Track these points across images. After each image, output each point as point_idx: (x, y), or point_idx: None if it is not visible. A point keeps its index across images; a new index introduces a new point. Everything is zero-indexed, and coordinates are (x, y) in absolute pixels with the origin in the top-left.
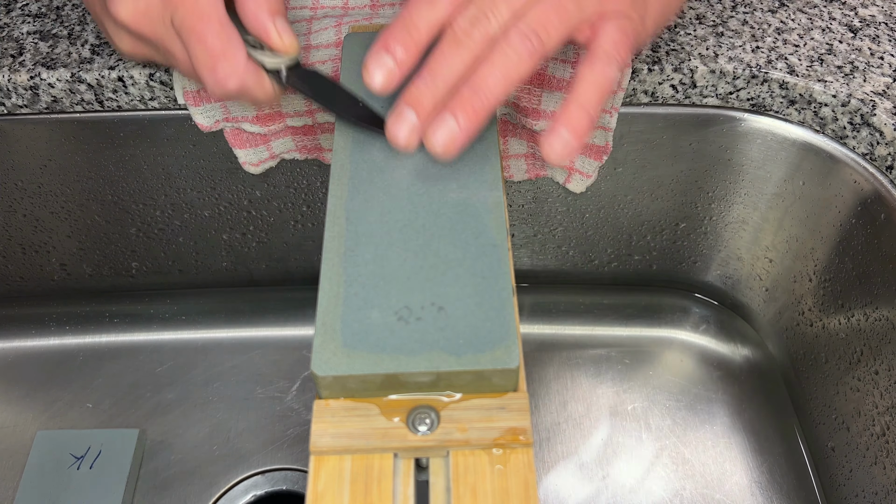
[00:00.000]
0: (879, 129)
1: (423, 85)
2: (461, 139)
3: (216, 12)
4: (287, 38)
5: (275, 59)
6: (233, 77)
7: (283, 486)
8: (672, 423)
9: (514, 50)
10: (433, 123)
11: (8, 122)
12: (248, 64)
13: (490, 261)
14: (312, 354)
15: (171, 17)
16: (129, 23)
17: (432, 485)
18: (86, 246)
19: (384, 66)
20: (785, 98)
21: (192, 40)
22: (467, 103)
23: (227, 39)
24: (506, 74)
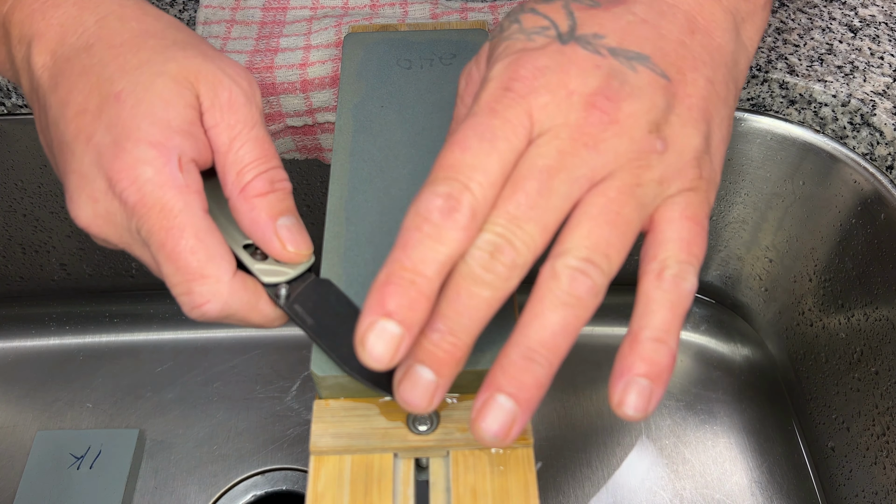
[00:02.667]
0: (879, 129)
1: (439, 336)
2: (522, 420)
3: (191, 221)
4: (293, 245)
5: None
6: (213, 301)
7: (283, 486)
8: (672, 422)
9: (567, 293)
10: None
11: (8, 122)
12: (233, 283)
13: None
14: (312, 354)
15: (137, 228)
16: (88, 228)
17: (432, 485)
18: (86, 246)
19: (386, 335)
20: (785, 98)
21: (160, 257)
22: (523, 375)
23: (205, 255)
24: (566, 327)
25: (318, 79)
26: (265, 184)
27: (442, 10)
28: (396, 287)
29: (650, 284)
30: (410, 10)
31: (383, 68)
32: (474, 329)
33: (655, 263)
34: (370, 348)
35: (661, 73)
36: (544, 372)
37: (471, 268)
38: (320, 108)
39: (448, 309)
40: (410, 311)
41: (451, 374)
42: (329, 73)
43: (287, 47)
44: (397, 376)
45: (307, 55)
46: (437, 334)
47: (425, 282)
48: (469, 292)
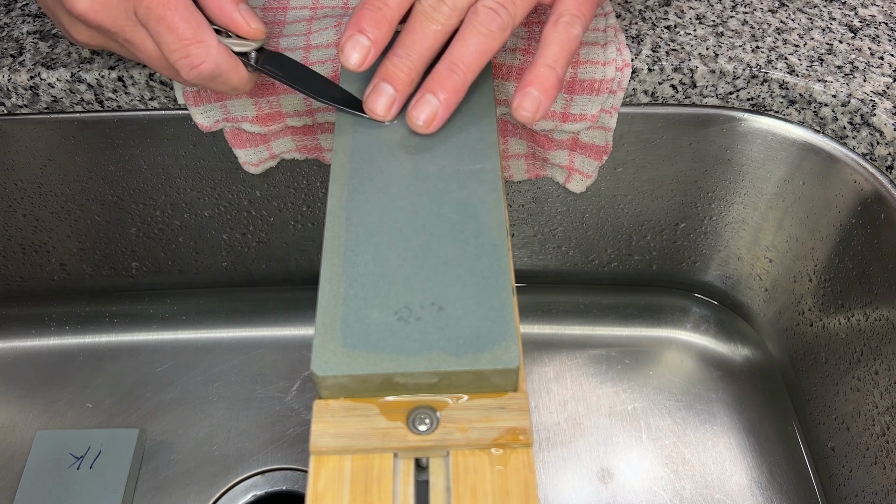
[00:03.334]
0: (879, 129)
1: (398, 59)
2: (442, 115)
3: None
4: (254, 23)
5: (243, 44)
6: (208, 60)
7: (283, 486)
8: (672, 423)
9: (484, 26)
10: (415, 102)
11: (8, 122)
12: (220, 47)
13: (490, 261)
14: (312, 354)
15: (135, 8)
16: (86, 14)
17: (432, 485)
18: (86, 246)
19: (359, 45)
20: (785, 98)
21: (160, 29)
22: (446, 81)
23: (197, 24)
24: (479, 51)
25: None
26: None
27: None
28: (368, 12)
29: (549, 29)
30: None
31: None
32: (425, 56)
33: (554, 15)
34: (347, 53)
35: None
36: (460, 80)
37: (424, 7)
38: (320, 108)
39: (406, 39)
40: (377, 28)
41: (405, 90)
42: (329, 73)
43: (287, 47)
44: (367, 92)
45: (307, 55)
46: (397, 58)
47: (388, 10)
48: (422, 26)
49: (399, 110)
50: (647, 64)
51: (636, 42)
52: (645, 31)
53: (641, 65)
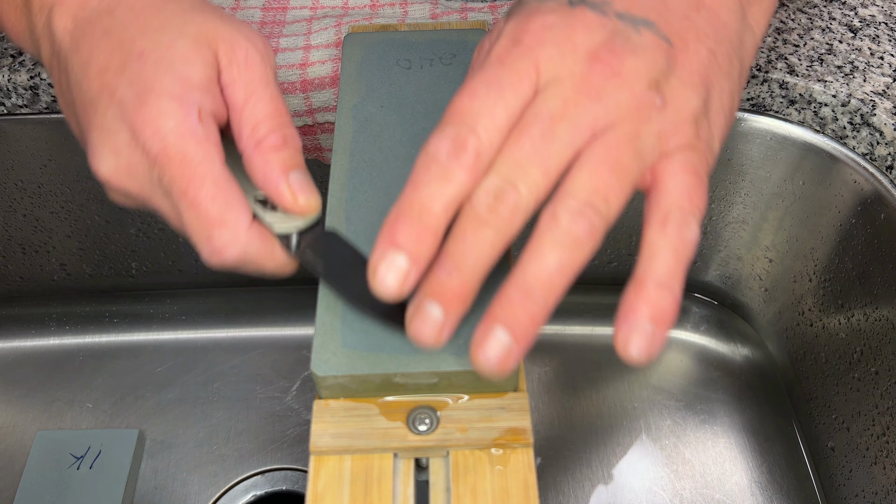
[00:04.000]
0: (879, 129)
1: (446, 274)
2: (518, 352)
3: (211, 170)
4: (303, 197)
5: (288, 222)
6: (232, 247)
7: (283, 486)
8: (672, 423)
9: (567, 234)
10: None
11: (8, 122)
12: (251, 230)
13: None
14: (312, 354)
15: (159, 178)
16: (110, 181)
17: (432, 485)
18: (86, 246)
19: (395, 267)
20: (785, 98)
21: (182, 205)
22: (520, 310)
23: (224, 203)
24: (563, 267)
25: (317, 79)
26: (279, 139)
27: (442, 10)
28: (405, 222)
29: (654, 232)
30: (410, 10)
31: (383, 68)
32: (479, 268)
33: (659, 213)
34: (381, 278)
35: (664, 37)
36: (539, 309)
37: (476, 209)
38: (320, 108)
39: (455, 248)
40: (418, 244)
41: (458, 311)
42: (329, 73)
43: (287, 47)
44: (409, 313)
45: (307, 55)
46: (445, 272)
47: (432, 218)
48: (474, 233)
49: (451, 336)
50: None
51: None
52: None
53: None
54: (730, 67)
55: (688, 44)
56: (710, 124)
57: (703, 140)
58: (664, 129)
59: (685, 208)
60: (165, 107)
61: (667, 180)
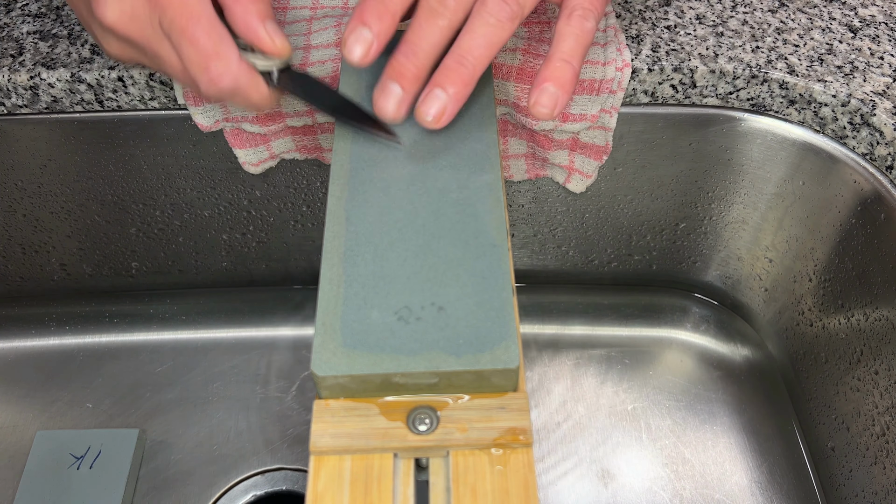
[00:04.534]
0: (879, 129)
1: (404, 57)
2: (451, 109)
3: (205, 11)
4: (279, 40)
5: (266, 61)
6: (227, 76)
7: (283, 486)
8: (672, 423)
9: (493, 16)
10: (423, 97)
11: (8, 122)
12: (241, 63)
13: (490, 261)
14: (312, 354)
15: (160, 20)
16: (115, 26)
17: (432, 485)
18: (86, 246)
19: (361, 39)
20: (785, 98)
21: (182, 41)
22: (454, 74)
23: (218, 38)
24: (488, 42)
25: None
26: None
27: None
28: (370, 5)
29: (562, 23)
30: None
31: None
32: (431, 52)
33: (567, 10)
34: (350, 48)
35: None
36: (469, 73)
37: (429, 2)
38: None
39: (412, 36)
40: (380, 22)
41: (414, 88)
42: (329, 73)
43: None
44: (375, 93)
45: (307, 55)
46: (403, 56)
47: (392, 2)
48: (428, 21)
49: (408, 109)
50: (647, 64)
51: (636, 42)
52: (645, 31)
53: (641, 65)
54: None
55: None
56: None
57: None
58: None
59: (586, 6)
60: None
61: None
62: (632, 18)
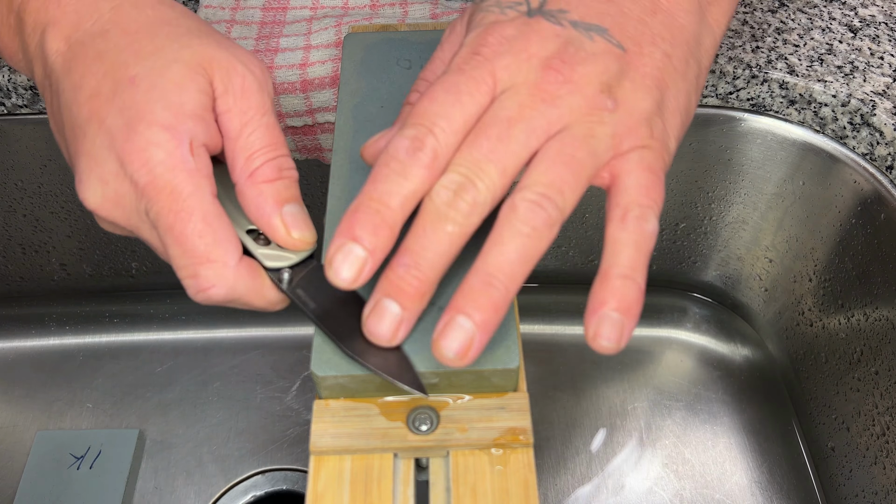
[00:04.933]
0: (879, 129)
1: (404, 270)
2: (480, 341)
3: (200, 204)
4: (298, 231)
5: (281, 258)
6: (219, 285)
7: (283, 486)
8: (672, 422)
9: (527, 224)
10: (443, 328)
11: (8, 122)
12: (239, 267)
13: None
14: (312, 354)
15: (146, 210)
16: (97, 211)
17: (432, 485)
18: (86, 246)
19: (351, 258)
20: (785, 98)
21: (168, 240)
22: (481, 297)
23: (212, 239)
24: (523, 255)
25: (318, 79)
26: (273, 170)
27: (442, 10)
28: (363, 215)
29: (615, 228)
30: (410, 10)
31: (383, 68)
32: (438, 264)
33: (619, 209)
34: (336, 269)
35: (616, 43)
36: (501, 296)
37: (435, 205)
38: (320, 108)
39: (414, 244)
40: (374, 236)
41: (416, 307)
42: (329, 73)
43: (287, 47)
44: (366, 311)
45: (307, 55)
46: (403, 268)
47: (389, 212)
48: (433, 228)
49: (407, 333)
50: None
51: None
52: None
53: None
54: (686, 69)
55: (642, 48)
56: (665, 124)
57: (657, 139)
58: (618, 130)
59: (643, 203)
60: (155, 137)
61: (624, 178)
62: None
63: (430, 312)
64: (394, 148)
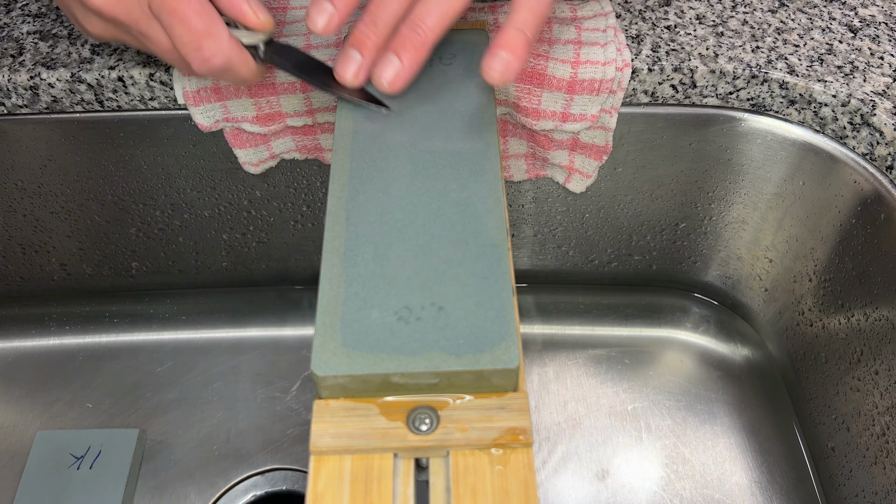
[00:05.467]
0: (879, 129)
1: (365, 27)
2: (405, 75)
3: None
4: (262, 15)
5: (251, 36)
6: (219, 54)
7: (283, 486)
8: (672, 423)
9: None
10: (379, 63)
11: (8, 122)
12: (231, 40)
13: (490, 261)
14: (312, 354)
15: (149, 1)
16: (102, 8)
17: (432, 485)
18: (86, 246)
19: (324, 10)
20: (785, 98)
21: (173, 21)
22: (408, 41)
23: (208, 18)
24: (442, 11)
25: None
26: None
27: None
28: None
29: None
30: None
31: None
32: (391, 22)
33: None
34: (312, 19)
35: None
36: (421, 39)
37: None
38: (320, 108)
39: (373, 6)
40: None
41: (372, 56)
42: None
43: None
44: (336, 60)
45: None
46: (364, 24)
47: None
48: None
49: (367, 75)
50: (647, 64)
51: (636, 42)
52: (645, 31)
53: (641, 65)
54: None
55: None
56: None
57: None
58: None
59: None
60: None
61: None
62: (632, 18)
63: (430, 312)
64: None
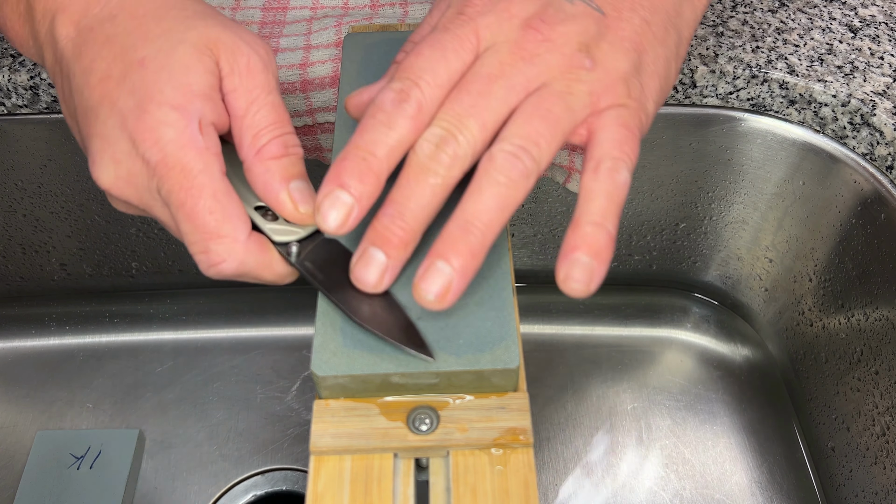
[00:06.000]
0: (879, 129)
1: (389, 220)
2: (458, 285)
3: (210, 181)
4: (304, 206)
5: (288, 232)
6: (230, 260)
7: (283, 486)
8: (672, 423)
9: (503, 174)
10: (423, 272)
11: (8, 122)
12: (249, 242)
13: (490, 261)
14: (312, 354)
15: (157, 188)
16: (110, 190)
17: (432, 485)
18: (86, 246)
19: (339, 203)
20: (785, 98)
21: (179, 217)
22: (459, 243)
23: (222, 215)
24: (500, 204)
25: (318, 79)
26: (280, 147)
27: None
28: (350, 163)
29: (588, 178)
30: (410, 10)
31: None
32: (421, 215)
33: (592, 161)
34: (324, 214)
35: (596, 7)
36: (478, 242)
37: (418, 157)
38: (320, 108)
39: (398, 195)
40: (361, 184)
41: (400, 255)
42: (329, 73)
43: (287, 47)
44: (353, 259)
45: (307, 55)
46: (388, 218)
47: (375, 161)
48: (417, 179)
49: (392, 280)
50: None
51: None
52: None
53: None
54: (665, 35)
55: (621, 13)
56: (643, 86)
57: (634, 99)
58: (595, 88)
59: (616, 156)
60: (166, 116)
61: (599, 133)
62: None
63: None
64: (380, 100)
